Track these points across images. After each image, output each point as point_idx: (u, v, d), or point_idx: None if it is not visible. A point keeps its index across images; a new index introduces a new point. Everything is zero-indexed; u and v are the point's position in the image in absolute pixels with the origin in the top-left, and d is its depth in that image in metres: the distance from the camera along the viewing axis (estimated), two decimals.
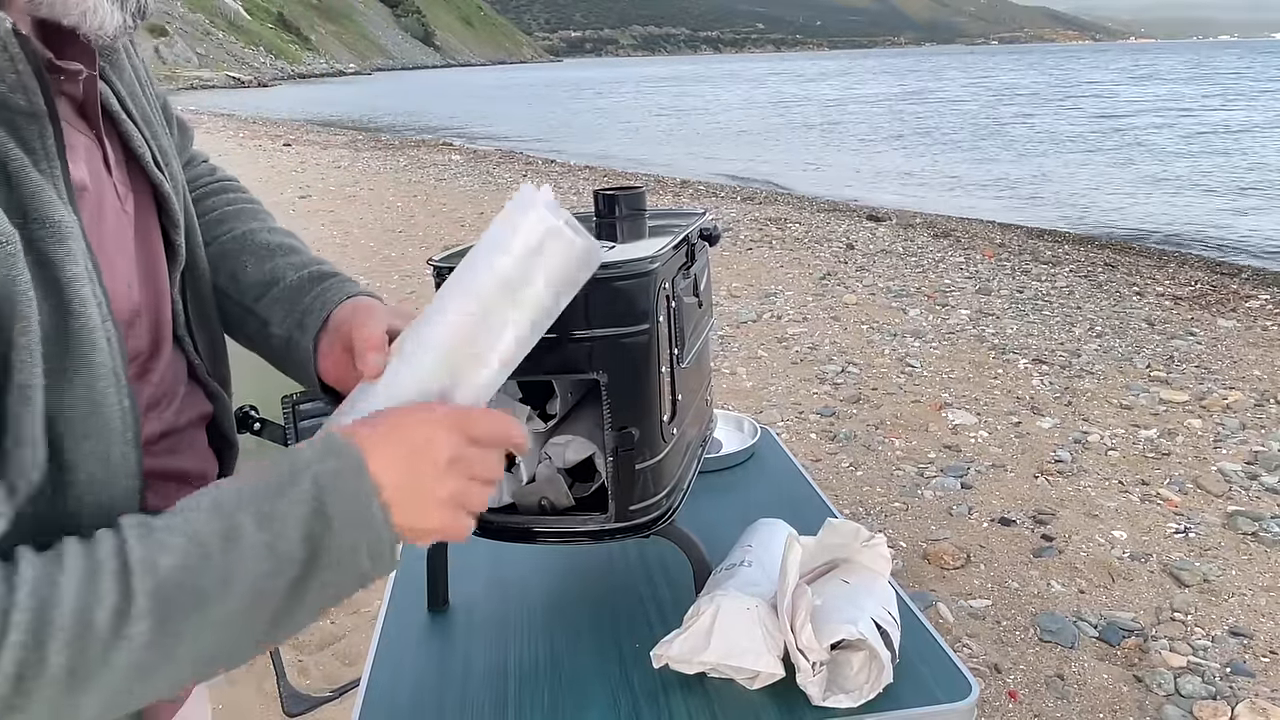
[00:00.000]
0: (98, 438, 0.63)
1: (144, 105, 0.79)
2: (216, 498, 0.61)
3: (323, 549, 0.61)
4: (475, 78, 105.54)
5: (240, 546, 0.58)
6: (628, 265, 0.91)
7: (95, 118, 0.72)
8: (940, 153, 16.68)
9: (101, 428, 0.63)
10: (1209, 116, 21.95)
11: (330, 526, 0.61)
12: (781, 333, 5.33)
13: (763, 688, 0.93)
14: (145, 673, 0.56)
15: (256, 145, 18.00)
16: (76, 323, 0.61)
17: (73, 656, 0.53)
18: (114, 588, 0.55)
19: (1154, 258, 7.86)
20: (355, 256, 7.64)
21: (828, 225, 8.94)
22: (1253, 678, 2.34)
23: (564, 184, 12.16)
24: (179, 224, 0.80)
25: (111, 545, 0.56)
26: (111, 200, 0.72)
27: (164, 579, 0.56)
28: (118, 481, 0.66)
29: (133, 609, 0.54)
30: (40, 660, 0.52)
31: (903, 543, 3.03)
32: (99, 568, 0.55)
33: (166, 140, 0.82)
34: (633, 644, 1.02)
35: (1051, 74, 51.23)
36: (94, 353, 0.62)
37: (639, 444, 0.94)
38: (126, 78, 0.77)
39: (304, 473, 0.62)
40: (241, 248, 0.95)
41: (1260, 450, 3.63)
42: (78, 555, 0.56)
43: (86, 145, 0.71)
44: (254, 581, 0.59)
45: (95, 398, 0.63)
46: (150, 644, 0.55)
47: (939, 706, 0.91)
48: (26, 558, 0.55)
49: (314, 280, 0.91)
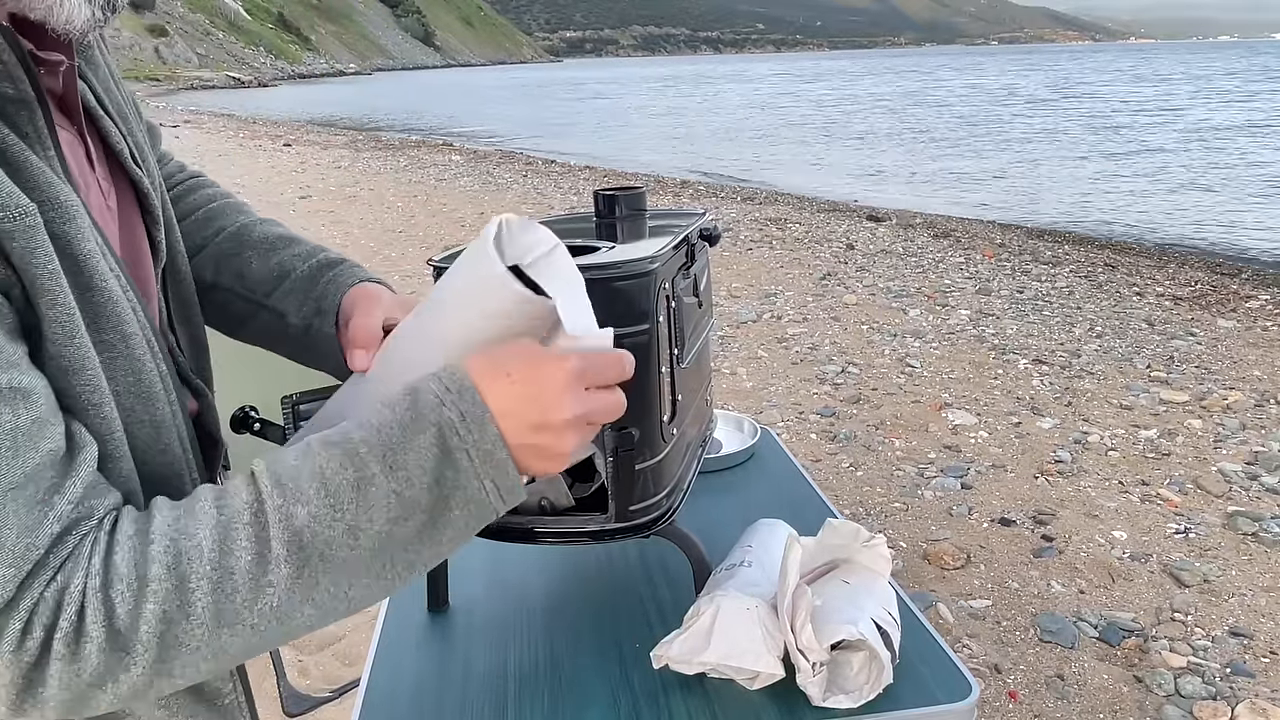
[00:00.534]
0: (145, 403, 0.66)
1: (118, 100, 0.79)
2: (348, 444, 0.61)
3: (452, 494, 0.62)
4: (475, 78, 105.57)
5: (371, 495, 0.60)
6: (628, 265, 0.91)
7: (76, 112, 0.72)
8: (940, 153, 16.68)
9: (147, 392, 0.66)
10: (1208, 116, 21.94)
11: (459, 472, 0.62)
12: (781, 333, 5.33)
13: (763, 688, 0.93)
14: (286, 614, 0.59)
15: (256, 145, 18.00)
16: (101, 296, 0.63)
17: (218, 601, 0.56)
18: (252, 537, 0.58)
19: (1154, 258, 7.86)
20: (355, 256, 7.55)
21: (828, 225, 8.93)
22: (1253, 678, 2.34)
23: (564, 184, 12.16)
24: (159, 221, 0.80)
25: (248, 496, 0.59)
26: (96, 196, 0.72)
27: (300, 528, 0.58)
28: (171, 442, 0.68)
29: (270, 557, 0.58)
30: (185, 604, 0.56)
31: (903, 543, 3.03)
32: (236, 517, 0.58)
33: (142, 137, 0.82)
34: (633, 644, 1.01)
35: (1050, 74, 51.25)
36: (124, 324, 0.64)
37: (639, 444, 0.94)
38: (101, 74, 0.77)
39: (428, 417, 0.62)
40: (241, 244, 0.95)
41: (1260, 450, 3.63)
42: (214, 504, 0.59)
43: (69, 140, 0.71)
44: (386, 527, 0.61)
45: (136, 365, 0.65)
46: (290, 589, 0.58)
47: (939, 707, 0.91)
48: (163, 508, 0.58)
49: (324, 267, 0.93)
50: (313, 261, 0.93)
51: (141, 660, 0.55)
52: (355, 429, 0.63)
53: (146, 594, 0.55)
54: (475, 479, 0.62)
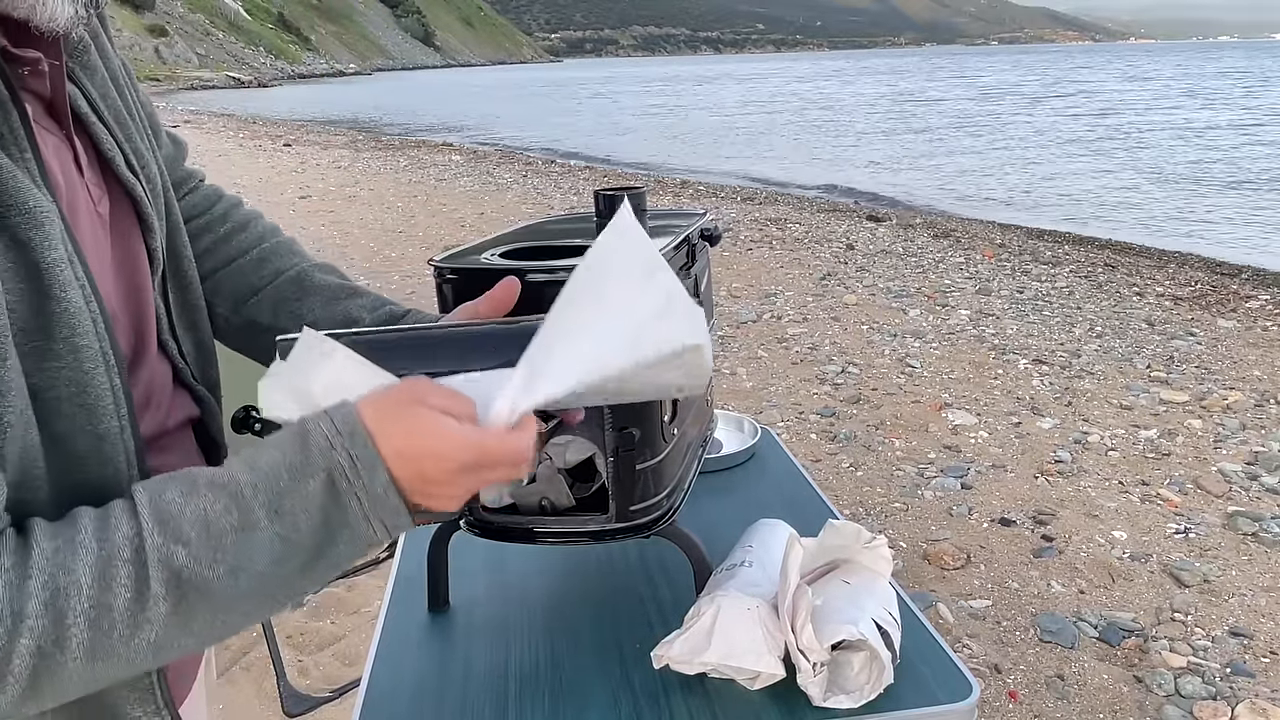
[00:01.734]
0: (88, 415, 0.65)
1: (117, 107, 0.78)
2: (234, 486, 0.61)
3: (339, 533, 0.62)
4: (475, 78, 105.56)
5: (255, 539, 0.60)
6: None
7: (64, 116, 0.71)
8: (940, 152, 16.68)
9: (91, 405, 0.65)
10: (1210, 116, 21.95)
11: (348, 514, 0.62)
12: (782, 333, 5.33)
13: (763, 688, 0.93)
14: (163, 646, 0.59)
15: (256, 145, 18.00)
16: (58, 306, 0.62)
17: (94, 637, 0.56)
18: (131, 575, 0.57)
19: (1154, 258, 7.86)
20: (355, 256, 7.64)
21: (828, 225, 8.94)
22: (1253, 678, 2.34)
23: (564, 184, 12.16)
24: (154, 229, 0.79)
25: (128, 531, 0.58)
26: (84, 201, 0.72)
27: (179, 567, 0.58)
28: (113, 455, 0.67)
29: (149, 595, 0.57)
30: (60, 640, 0.55)
31: (903, 543, 3.03)
32: (116, 554, 0.57)
33: (143, 143, 0.80)
34: (633, 644, 1.01)
35: (1050, 75, 51.25)
36: (76, 335, 0.63)
37: (639, 444, 0.94)
38: (98, 79, 0.76)
39: (317, 462, 0.61)
40: (302, 290, 0.95)
41: (1260, 450, 3.63)
42: (94, 537, 0.58)
43: (56, 144, 0.70)
44: (269, 568, 0.61)
45: (82, 378, 0.64)
46: (168, 624, 0.58)
47: (939, 707, 0.91)
48: (41, 539, 0.57)
49: (391, 320, 0.94)
50: (380, 313, 0.94)
51: (11, 690, 0.55)
52: (243, 471, 0.61)
53: (22, 629, 0.54)
54: (364, 521, 0.62)
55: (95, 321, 0.65)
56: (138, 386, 0.77)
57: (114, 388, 0.67)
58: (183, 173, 1.00)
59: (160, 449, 0.79)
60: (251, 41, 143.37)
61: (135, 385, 0.77)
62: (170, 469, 0.78)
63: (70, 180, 0.70)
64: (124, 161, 0.76)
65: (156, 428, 0.79)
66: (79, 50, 0.74)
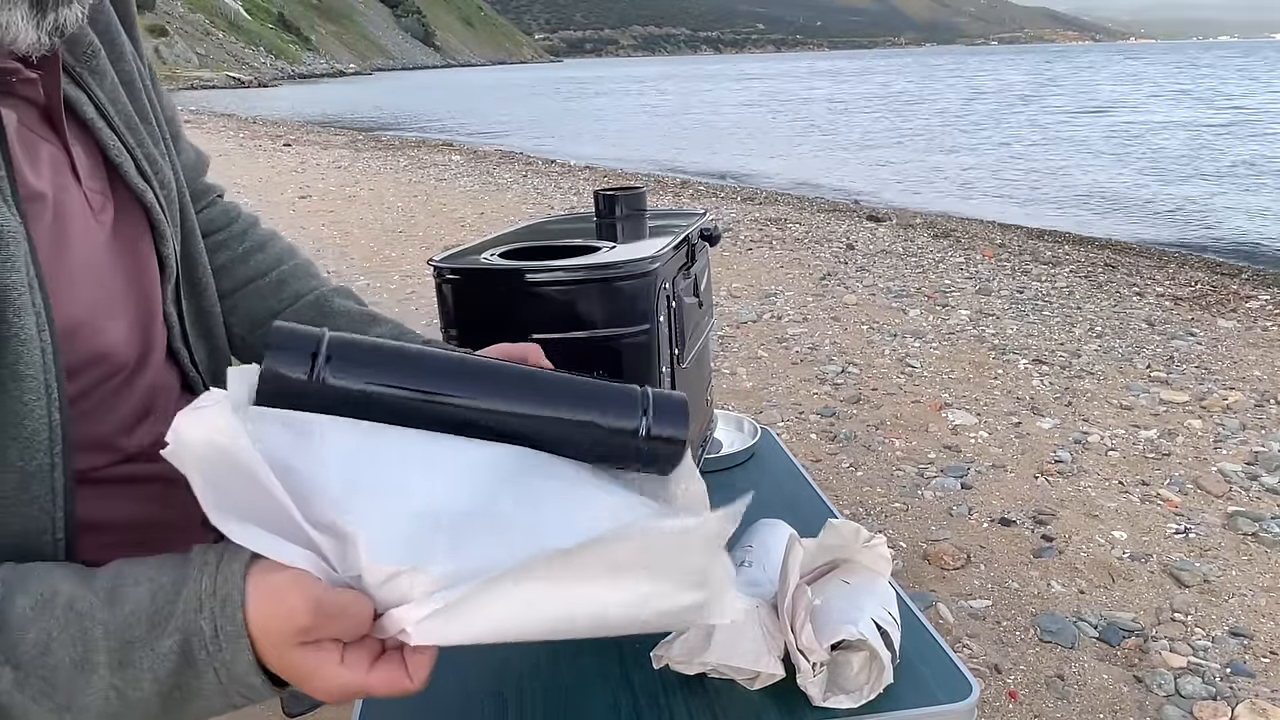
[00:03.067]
0: (20, 449, 0.62)
1: (128, 112, 0.77)
2: (88, 618, 0.55)
3: (192, 700, 0.56)
4: (475, 78, 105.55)
5: (91, 684, 0.54)
6: (628, 265, 0.91)
7: (59, 124, 0.70)
8: (940, 152, 16.68)
9: (26, 439, 0.62)
10: (1210, 116, 21.94)
11: (203, 683, 0.56)
12: (782, 333, 5.33)
13: (763, 688, 0.93)
14: None
15: (256, 145, 18.00)
16: (8, 330, 0.60)
17: None
18: None
19: (1154, 258, 7.86)
20: (355, 256, 7.64)
21: (828, 225, 8.94)
22: (1253, 678, 2.34)
23: (564, 184, 12.16)
24: (165, 236, 0.78)
25: None
26: (79, 209, 0.71)
27: (4, 690, 0.53)
28: (40, 494, 0.64)
29: None
30: None
31: (903, 543, 3.03)
32: None
33: (157, 149, 0.80)
34: (633, 644, 1.01)
35: (1050, 74, 51.24)
36: (20, 363, 0.61)
37: None
38: (108, 83, 0.75)
39: (175, 621, 0.55)
40: (322, 315, 0.95)
41: (1261, 451, 3.63)
42: None
43: (52, 153, 0.69)
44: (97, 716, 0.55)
45: (20, 409, 0.62)
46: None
47: (940, 707, 0.91)
48: None
49: None
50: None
51: None
52: (102, 606, 0.55)
53: None
54: (221, 695, 0.56)
55: (44, 352, 0.63)
56: (136, 394, 0.76)
57: (52, 424, 0.64)
58: (202, 185, 0.99)
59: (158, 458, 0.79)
60: (251, 41, 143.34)
61: (135, 393, 0.76)
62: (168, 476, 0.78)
63: (62, 189, 0.69)
64: (134, 167, 0.75)
65: (155, 437, 0.78)
66: (87, 55, 0.73)
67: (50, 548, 0.65)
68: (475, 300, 0.93)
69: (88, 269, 0.70)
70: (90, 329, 0.71)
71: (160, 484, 0.73)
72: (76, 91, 0.72)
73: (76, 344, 0.69)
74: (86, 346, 0.70)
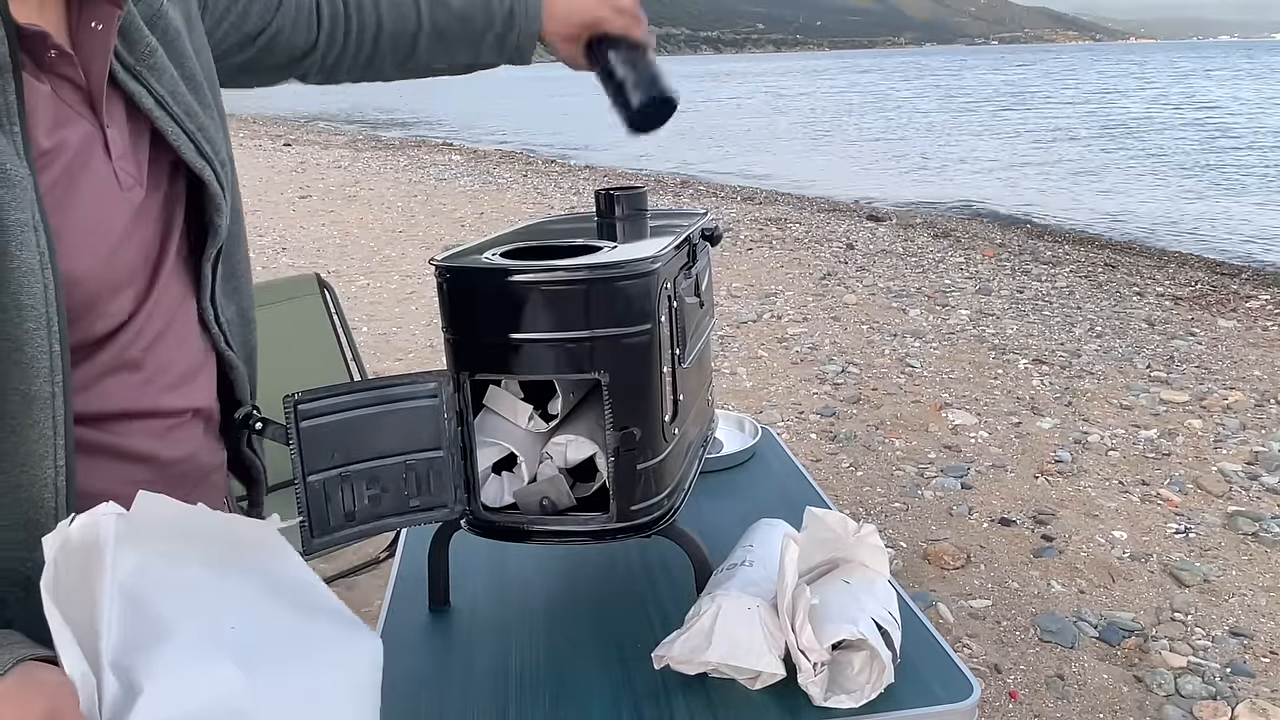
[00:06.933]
0: (21, 372, 0.67)
1: (187, 101, 0.82)
2: None
3: None
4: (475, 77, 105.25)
5: None
6: (629, 265, 0.91)
7: (98, 107, 0.75)
8: (940, 150, 16.68)
9: (25, 364, 0.67)
10: (1210, 115, 21.95)
11: None
12: (782, 333, 5.34)
13: (764, 688, 0.93)
14: None
15: (256, 145, 17.99)
16: (11, 262, 0.65)
17: None
18: None
19: (1154, 258, 7.86)
20: (355, 256, 7.64)
21: (828, 225, 8.94)
22: (1253, 678, 2.34)
23: (564, 184, 12.17)
24: (220, 207, 0.84)
25: None
26: (101, 181, 0.75)
27: None
28: (40, 419, 0.68)
29: None
30: None
31: (903, 543, 3.03)
32: None
33: (217, 133, 0.86)
34: (634, 644, 1.01)
35: (1049, 74, 51.24)
36: (23, 294, 0.66)
37: (640, 444, 0.94)
38: (167, 78, 0.81)
39: None
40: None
41: (1260, 450, 3.63)
42: None
43: (86, 130, 0.74)
44: None
45: (20, 335, 0.66)
46: None
47: (940, 707, 0.91)
48: None
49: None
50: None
51: None
52: None
53: None
54: None
55: (47, 288, 0.67)
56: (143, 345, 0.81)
57: (52, 352, 0.68)
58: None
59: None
60: None
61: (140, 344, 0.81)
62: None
63: (86, 159, 0.74)
64: (194, 150, 0.82)
65: (175, 399, 0.84)
66: (145, 54, 0.79)
67: (51, 474, 0.69)
68: (477, 299, 0.93)
69: (98, 235, 0.74)
70: (96, 283, 0.75)
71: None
72: (136, 85, 0.78)
73: (78, 294, 0.72)
74: (86, 300, 0.74)
